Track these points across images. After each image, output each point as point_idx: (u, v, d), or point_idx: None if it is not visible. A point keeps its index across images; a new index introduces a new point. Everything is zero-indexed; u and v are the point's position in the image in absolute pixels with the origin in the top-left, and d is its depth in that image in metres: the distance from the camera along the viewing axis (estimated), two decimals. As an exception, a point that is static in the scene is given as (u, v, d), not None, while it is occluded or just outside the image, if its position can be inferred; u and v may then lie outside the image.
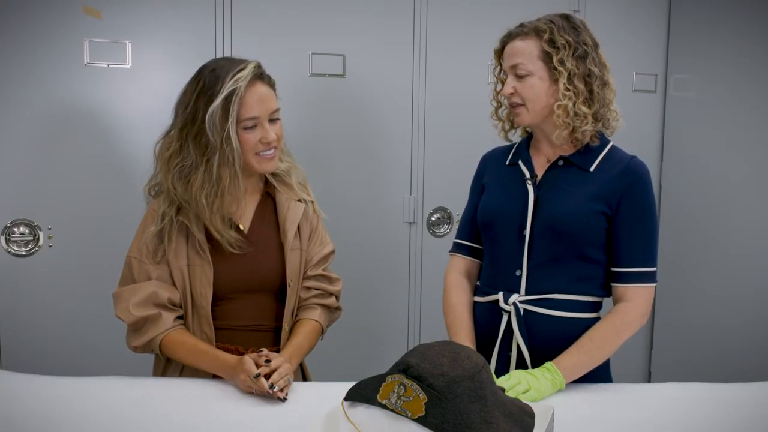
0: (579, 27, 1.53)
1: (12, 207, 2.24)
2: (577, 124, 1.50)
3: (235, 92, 1.44)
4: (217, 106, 1.44)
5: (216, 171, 1.47)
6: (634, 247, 1.51)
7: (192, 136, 1.48)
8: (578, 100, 1.49)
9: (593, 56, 1.52)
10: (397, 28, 2.57)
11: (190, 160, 1.48)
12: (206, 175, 1.48)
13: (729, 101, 2.65)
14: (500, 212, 1.60)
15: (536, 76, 1.51)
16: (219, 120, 1.45)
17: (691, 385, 1.50)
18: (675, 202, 2.90)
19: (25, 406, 1.33)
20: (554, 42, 1.49)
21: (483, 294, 1.64)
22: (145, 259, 1.54)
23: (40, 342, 2.29)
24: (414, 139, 2.65)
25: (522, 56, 1.52)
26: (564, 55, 1.48)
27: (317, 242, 1.68)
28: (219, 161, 1.47)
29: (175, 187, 1.50)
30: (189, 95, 1.49)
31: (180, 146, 1.50)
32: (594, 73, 1.50)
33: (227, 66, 1.48)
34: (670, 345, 2.97)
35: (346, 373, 1.54)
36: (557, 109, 1.50)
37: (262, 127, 1.50)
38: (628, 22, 2.86)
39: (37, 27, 2.19)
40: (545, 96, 1.52)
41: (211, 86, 1.46)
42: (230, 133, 1.45)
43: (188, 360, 1.51)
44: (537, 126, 1.58)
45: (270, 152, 1.53)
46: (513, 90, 1.54)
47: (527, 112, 1.54)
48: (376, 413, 1.09)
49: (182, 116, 1.50)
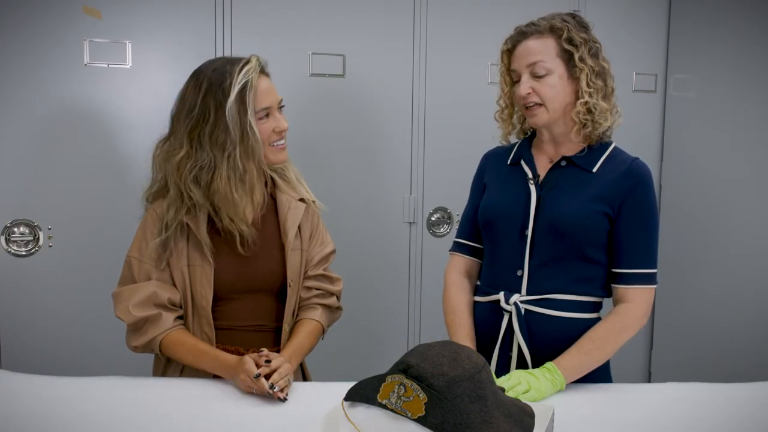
0: (587, 26, 1.55)
1: (12, 207, 2.24)
2: (599, 121, 1.51)
3: (248, 84, 1.47)
4: (233, 100, 1.45)
5: (241, 165, 1.48)
6: (635, 249, 1.51)
7: (206, 136, 1.47)
8: (599, 96, 1.50)
9: (602, 54, 1.53)
10: (397, 28, 2.57)
11: (208, 160, 1.48)
12: (231, 171, 1.48)
13: (729, 101, 2.65)
14: (502, 212, 1.59)
15: (556, 74, 1.51)
16: (238, 113, 1.46)
17: (691, 385, 1.50)
18: (675, 202, 2.90)
19: (25, 406, 1.32)
20: (572, 40, 1.49)
21: (484, 294, 1.64)
22: (147, 261, 1.53)
23: (40, 342, 2.29)
24: (414, 139, 2.65)
25: (540, 54, 1.50)
26: (584, 53, 1.49)
27: (318, 242, 1.68)
28: (241, 155, 1.48)
29: (190, 191, 1.49)
30: (193, 97, 1.49)
31: (191, 149, 1.49)
32: (607, 70, 1.52)
33: (228, 63, 1.49)
34: (670, 345, 2.97)
35: (346, 373, 1.54)
36: (581, 106, 1.50)
37: (274, 117, 1.53)
38: (628, 22, 2.86)
39: (37, 27, 2.19)
40: (564, 94, 1.52)
41: (220, 83, 1.46)
42: (252, 125, 1.47)
43: (188, 360, 1.51)
44: (549, 127, 1.57)
45: (282, 142, 1.56)
46: (530, 90, 1.52)
47: (546, 111, 1.53)
48: (376, 413, 1.09)
49: (188, 119, 1.49)
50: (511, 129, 1.67)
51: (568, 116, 1.53)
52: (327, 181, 2.55)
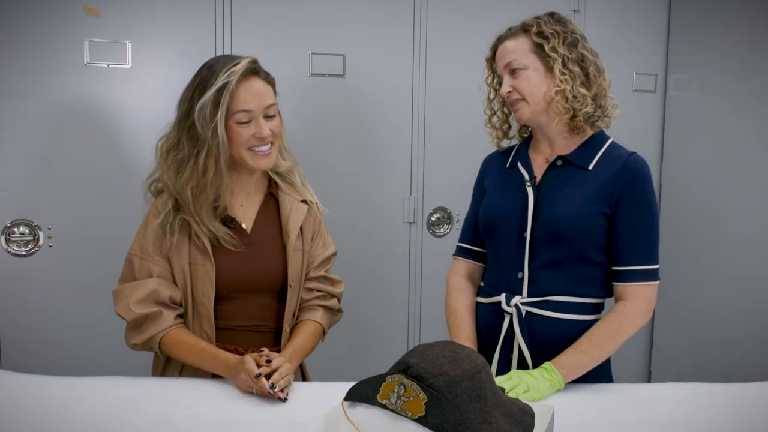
0: (565, 20, 1.56)
1: (12, 207, 2.24)
2: (577, 107, 1.51)
3: (227, 86, 1.46)
4: (207, 99, 1.46)
5: (202, 163, 1.49)
6: (633, 245, 1.51)
7: (186, 130, 1.50)
8: (576, 83, 1.50)
9: (583, 44, 1.54)
10: (397, 28, 2.57)
11: (183, 154, 1.51)
12: (194, 168, 1.50)
13: (729, 101, 2.65)
14: (501, 216, 1.60)
15: (531, 68, 1.53)
16: (209, 113, 1.46)
17: (691, 385, 1.50)
18: (675, 202, 2.90)
19: (25, 406, 1.33)
20: (543, 33, 1.52)
21: (486, 295, 1.64)
22: (151, 250, 1.54)
23: (40, 342, 2.29)
24: (414, 139, 2.65)
25: (514, 53, 1.54)
26: (555, 43, 1.51)
27: (320, 244, 1.68)
28: (206, 154, 1.48)
29: (167, 180, 1.52)
30: (187, 91, 1.52)
31: (177, 140, 1.52)
32: (588, 58, 1.53)
33: (224, 61, 1.50)
34: (670, 345, 2.97)
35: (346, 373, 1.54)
36: (556, 95, 1.51)
37: (257, 122, 1.51)
38: (628, 22, 2.86)
39: (37, 27, 2.19)
40: (542, 86, 1.53)
41: (206, 80, 1.48)
42: (218, 126, 1.46)
43: (188, 359, 1.51)
44: (536, 122, 1.58)
45: (265, 148, 1.53)
46: (510, 88, 1.55)
47: (527, 105, 1.54)
48: (376, 413, 1.09)
49: (179, 111, 1.53)
50: (502, 135, 1.69)
51: (551, 108, 1.54)
52: (327, 181, 2.54)
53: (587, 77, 1.52)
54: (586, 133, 1.57)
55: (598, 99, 1.53)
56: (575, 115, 1.52)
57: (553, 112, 1.54)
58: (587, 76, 1.52)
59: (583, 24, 2.72)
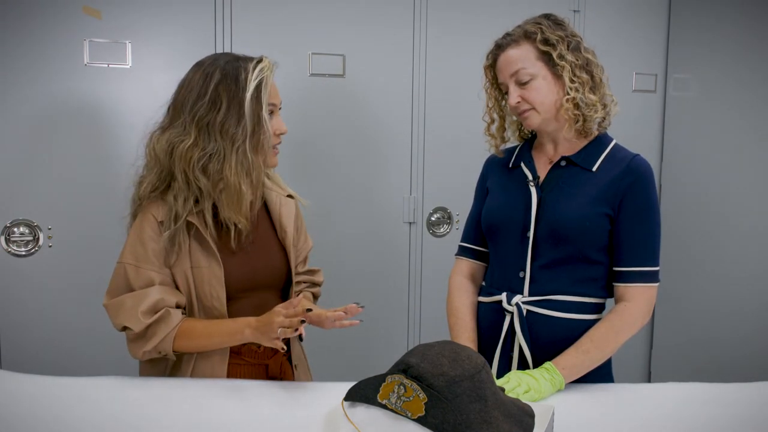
0: (563, 22, 1.55)
1: (12, 207, 2.24)
2: (589, 114, 1.51)
3: (264, 81, 1.48)
4: (252, 94, 1.46)
5: (249, 157, 1.47)
6: (635, 247, 1.51)
7: (216, 125, 1.45)
8: (585, 90, 1.50)
9: (584, 45, 1.54)
10: (397, 28, 2.57)
11: (217, 150, 1.46)
12: (240, 163, 1.47)
13: (729, 101, 2.65)
14: (504, 215, 1.60)
15: (539, 77, 1.51)
16: (254, 107, 1.47)
17: (691, 385, 1.50)
18: (675, 202, 2.90)
19: (25, 406, 1.32)
20: (548, 40, 1.50)
21: (487, 294, 1.64)
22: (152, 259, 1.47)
23: (40, 342, 2.29)
24: (414, 139, 2.65)
25: (520, 62, 1.52)
26: (562, 50, 1.50)
27: (303, 238, 1.72)
28: (250, 148, 1.47)
29: (198, 180, 1.46)
30: (201, 86, 1.47)
31: (199, 137, 1.46)
32: (591, 61, 1.52)
33: (237, 58, 1.50)
34: (670, 345, 2.97)
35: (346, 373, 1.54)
36: (567, 103, 1.50)
37: (276, 118, 1.54)
38: (628, 22, 2.86)
39: (37, 27, 2.19)
40: (552, 94, 1.52)
41: (235, 75, 1.47)
42: (266, 120, 1.48)
43: (203, 342, 1.47)
44: (545, 129, 1.58)
45: (278, 145, 1.56)
46: (519, 99, 1.53)
47: (538, 114, 1.53)
48: (376, 413, 1.09)
49: (196, 106, 1.46)
50: (501, 142, 1.68)
51: (561, 115, 1.54)
52: (327, 181, 2.55)
53: (593, 80, 1.52)
54: (592, 134, 1.57)
55: (605, 101, 1.53)
56: (586, 120, 1.52)
57: (562, 118, 1.53)
58: (593, 79, 1.52)
59: (582, 24, 2.72)
